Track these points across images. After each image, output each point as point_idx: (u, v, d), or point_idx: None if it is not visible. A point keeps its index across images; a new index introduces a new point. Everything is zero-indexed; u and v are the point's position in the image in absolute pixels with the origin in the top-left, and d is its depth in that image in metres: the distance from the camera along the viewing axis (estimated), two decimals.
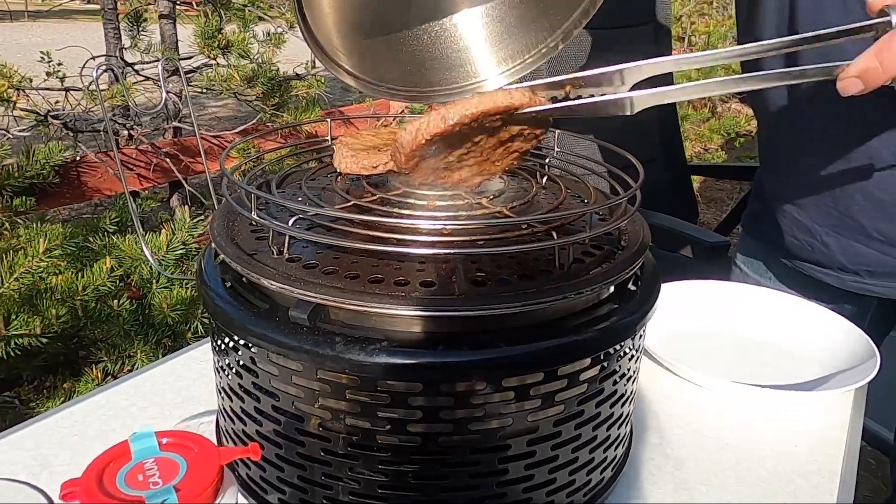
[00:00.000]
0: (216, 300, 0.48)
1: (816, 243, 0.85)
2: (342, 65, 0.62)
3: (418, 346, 0.42)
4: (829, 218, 0.83)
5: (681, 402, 0.69)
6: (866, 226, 0.80)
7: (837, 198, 0.81)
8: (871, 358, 0.70)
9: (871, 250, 0.81)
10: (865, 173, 0.77)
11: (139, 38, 2.06)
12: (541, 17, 0.67)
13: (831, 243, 0.84)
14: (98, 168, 1.94)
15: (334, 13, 0.62)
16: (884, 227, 0.78)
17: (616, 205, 0.52)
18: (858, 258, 0.82)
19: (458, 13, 0.68)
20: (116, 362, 1.40)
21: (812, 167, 0.82)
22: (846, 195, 0.80)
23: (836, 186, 0.80)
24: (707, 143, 4.50)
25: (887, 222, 0.78)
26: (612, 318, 0.47)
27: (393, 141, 0.61)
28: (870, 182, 0.77)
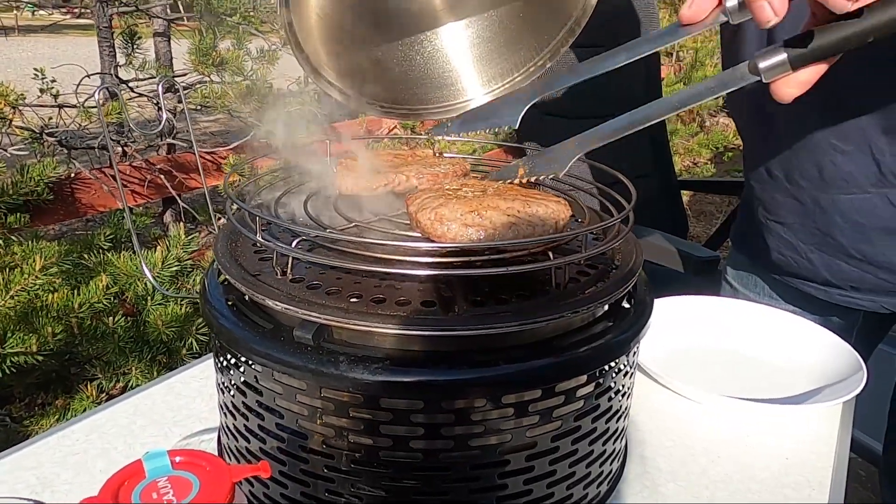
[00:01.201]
0: (220, 320, 0.50)
1: (801, 259, 0.87)
2: (334, 83, 0.64)
3: (419, 364, 0.43)
4: (813, 236, 0.85)
5: (673, 416, 0.70)
6: (846, 246, 0.82)
7: (819, 219, 0.83)
8: (858, 371, 0.72)
9: (853, 268, 0.83)
10: (843, 197, 0.79)
11: (134, 56, 2.08)
12: (528, 37, 0.68)
13: (815, 260, 0.86)
14: (92, 184, 1.94)
15: (325, 34, 0.64)
16: (863, 247, 0.81)
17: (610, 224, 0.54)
18: (842, 274, 0.84)
19: (449, 33, 0.70)
20: (111, 379, 1.40)
21: (793, 189, 0.85)
22: (826, 217, 0.82)
23: (817, 208, 0.83)
24: (696, 157, 4.54)
25: (866, 243, 0.80)
26: (607, 335, 0.48)
27: (391, 162, 0.63)
28: (848, 206, 0.80)
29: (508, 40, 0.68)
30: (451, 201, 0.49)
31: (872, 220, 0.78)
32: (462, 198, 0.50)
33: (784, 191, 0.86)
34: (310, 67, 0.60)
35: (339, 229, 0.52)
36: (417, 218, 0.49)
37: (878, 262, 0.80)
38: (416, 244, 0.47)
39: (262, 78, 2.32)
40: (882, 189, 0.76)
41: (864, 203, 0.78)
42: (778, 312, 0.86)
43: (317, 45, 0.61)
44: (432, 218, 0.48)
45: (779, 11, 0.44)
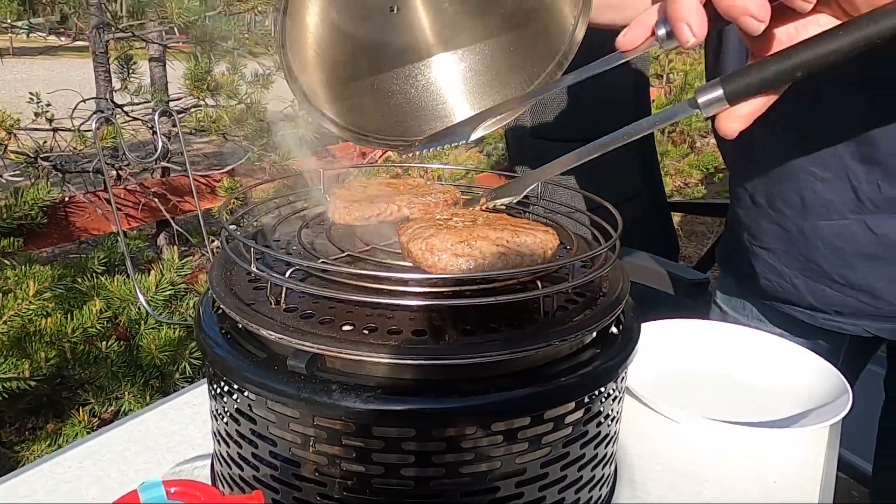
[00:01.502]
0: (215, 348, 0.50)
1: (787, 284, 0.89)
2: (328, 115, 0.65)
3: (411, 393, 0.44)
4: (797, 262, 0.87)
5: (662, 440, 0.71)
6: (829, 271, 0.83)
7: (802, 245, 0.85)
8: (844, 395, 0.73)
9: (836, 293, 0.85)
10: (824, 223, 0.81)
11: (129, 81, 2.10)
12: (518, 70, 0.70)
13: (800, 285, 0.87)
14: (86, 208, 1.95)
15: (322, 68, 0.65)
16: (844, 272, 0.82)
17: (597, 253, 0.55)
18: (825, 299, 0.86)
19: (442, 67, 0.72)
20: (103, 404, 1.39)
21: (776, 215, 0.86)
22: (809, 243, 0.84)
23: (800, 234, 0.84)
24: (687, 178, 4.59)
25: (847, 268, 0.82)
26: (594, 362, 0.49)
27: (383, 190, 0.64)
28: (828, 232, 0.81)
29: (499, 73, 0.70)
30: (441, 231, 0.50)
31: (853, 245, 0.80)
32: (452, 228, 0.51)
33: (767, 217, 0.88)
34: (305, 101, 0.62)
35: (331, 259, 0.53)
36: (409, 248, 0.50)
37: (859, 286, 0.82)
38: (407, 275, 0.48)
39: (257, 101, 2.34)
40: (860, 215, 0.78)
41: (843, 229, 0.80)
42: (766, 336, 0.87)
43: (313, 79, 0.63)
44: (423, 248, 0.49)
45: (697, 33, 0.47)
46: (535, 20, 0.68)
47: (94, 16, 1.99)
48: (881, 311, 0.82)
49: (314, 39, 0.64)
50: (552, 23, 0.66)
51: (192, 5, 1.91)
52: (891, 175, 0.74)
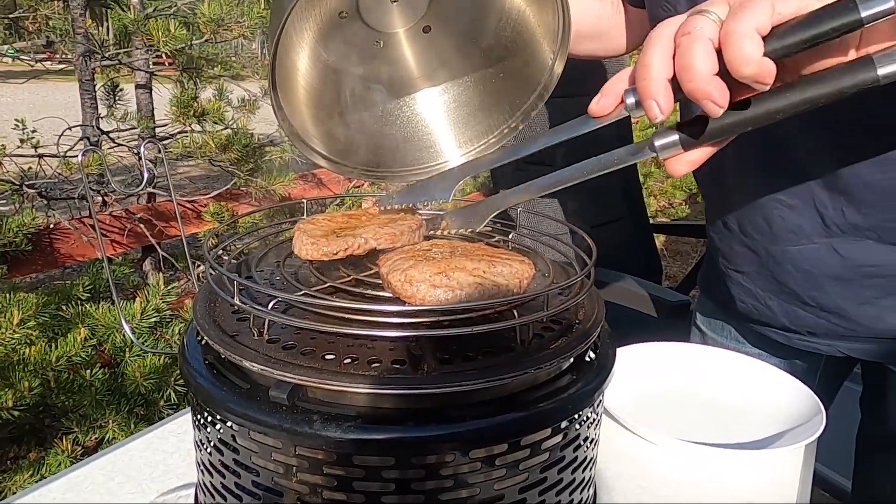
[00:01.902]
0: (199, 379, 0.51)
1: (762, 307, 0.91)
2: (316, 148, 0.67)
3: (390, 422, 0.45)
4: (770, 284, 0.89)
5: (641, 462, 0.72)
6: (800, 293, 0.85)
7: (773, 268, 0.87)
8: (818, 415, 0.74)
9: (809, 314, 0.87)
10: (793, 248, 0.83)
11: (115, 107, 2.11)
12: (502, 101, 0.72)
13: (774, 307, 0.89)
14: (70, 234, 1.95)
15: (310, 102, 0.67)
16: (815, 295, 0.84)
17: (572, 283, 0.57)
18: (799, 321, 0.88)
19: (427, 98, 0.74)
20: (87, 433, 1.38)
21: (748, 240, 0.89)
22: (780, 266, 0.86)
23: (771, 258, 0.87)
24: (671, 199, 4.65)
25: (817, 291, 0.84)
26: (570, 389, 0.51)
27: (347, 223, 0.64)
28: (798, 256, 0.83)
29: (483, 104, 0.72)
30: (420, 263, 0.52)
31: (821, 268, 0.82)
32: (431, 259, 0.53)
33: (739, 241, 0.90)
34: (296, 137, 0.63)
35: (313, 290, 0.54)
36: (388, 279, 0.51)
37: (829, 308, 0.84)
38: (386, 307, 0.50)
39: (243, 127, 2.36)
40: (827, 239, 0.80)
41: (812, 253, 0.82)
42: (743, 358, 0.89)
43: (303, 115, 0.64)
44: (402, 279, 0.50)
45: (665, 110, 0.49)
46: (515, 55, 0.70)
47: (80, 43, 2.01)
48: (851, 331, 0.85)
49: (303, 76, 0.66)
50: (532, 58, 0.69)
51: (179, 33, 1.93)
52: (855, 202, 0.77)
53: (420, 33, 0.69)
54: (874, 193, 0.75)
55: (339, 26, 0.66)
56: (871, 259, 0.79)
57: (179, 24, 1.96)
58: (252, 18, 2.10)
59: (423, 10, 0.68)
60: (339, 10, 0.64)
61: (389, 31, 0.69)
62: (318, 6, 0.62)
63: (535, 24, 0.67)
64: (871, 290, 0.81)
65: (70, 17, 2.04)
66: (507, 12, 0.68)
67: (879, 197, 0.75)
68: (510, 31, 0.69)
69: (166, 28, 1.90)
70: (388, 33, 0.69)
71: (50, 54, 3.57)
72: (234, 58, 3.05)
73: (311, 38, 0.64)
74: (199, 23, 1.96)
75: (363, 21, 0.66)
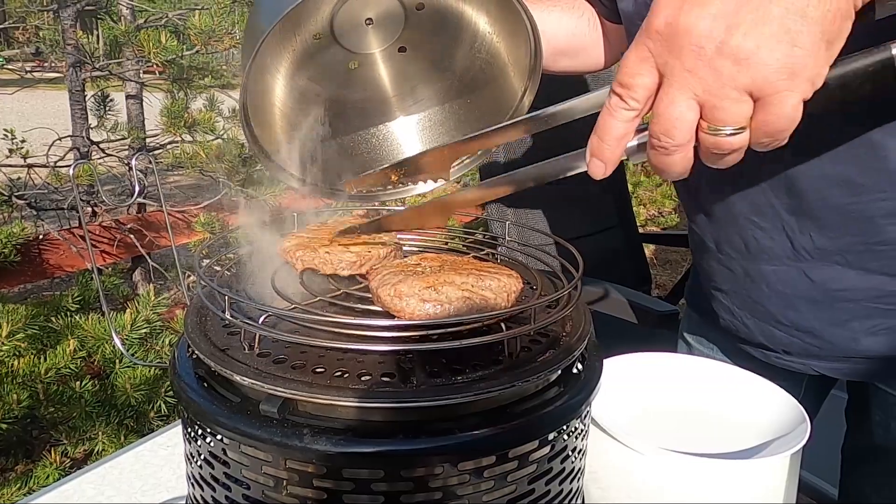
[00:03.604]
0: (189, 393, 0.52)
1: (739, 324, 0.91)
2: (294, 174, 0.67)
3: (379, 435, 0.46)
4: (746, 303, 0.89)
5: (630, 473, 0.73)
6: (775, 313, 0.86)
7: (748, 287, 0.87)
8: (802, 423, 0.75)
9: (783, 333, 0.87)
10: (767, 268, 0.84)
11: (106, 118, 2.11)
12: (476, 123, 0.73)
13: (751, 325, 0.90)
14: (60, 245, 1.95)
15: (285, 127, 0.67)
16: (789, 314, 0.85)
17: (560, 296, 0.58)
18: (774, 339, 0.88)
19: (403, 118, 0.75)
20: (76, 444, 1.38)
21: (725, 258, 0.89)
22: (755, 285, 0.86)
23: (747, 277, 0.87)
24: (660, 208, 4.68)
25: (791, 310, 0.84)
26: (557, 401, 0.51)
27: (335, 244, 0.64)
28: (772, 276, 0.84)
29: (457, 125, 0.73)
30: (409, 277, 0.53)
31: (793, 289, 0.83)
32: (420, 273, 0.54)
33: (717, 259, 0.90)
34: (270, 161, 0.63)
35: (304, 304, 0.55)
36: (378, 294, 0.52)
37: (803, 328, 0.85)
38: (376, 321, 0.50)
39: (234, 137, 2.36)
40: (797, 263, 0.81)
41: (784, 274, 0.82)
42: (729, 368, 0.90)
43: (277, 136, 0.65)
44: (392, 294, 0.51)
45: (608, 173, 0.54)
46: (487, 83, 0.71)
47: (70, 54, 2.01)
48: (826, 351, 0.85)
49: (278, 98, 0.66)
50: (503, 87, 0.70)
51: (170, 44, 1.93)
52: (821, 227, 0.77)
53: (395, 54, 0.70)
54: (840, 217, 0.75)
55: (315, 48, 0.66)
56: (841, 283, 0.80)
57: (170, 36, 1.97)
58: (243, 29, 2.11)
59: (398, 32, 0.68)
60: (315, 33, 0.65)
61: (365, 53, 0.69)
62: (293, 29, 0.63)
63: (507, 55, 0.68)
64: (843, 312, 0.82)
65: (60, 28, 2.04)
66: (479, 40, 0.69)
67: (845, 221, 0.75)
68: (482, 59, 0.70)
69: (157, 39, 1.91)
70: (364, 54, 0.70)
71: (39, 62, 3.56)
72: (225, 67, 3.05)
73: (286, 61, 0.65)
74: (190, 34, 1.96)
75: (338, 43, 0.67)
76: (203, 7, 2.25)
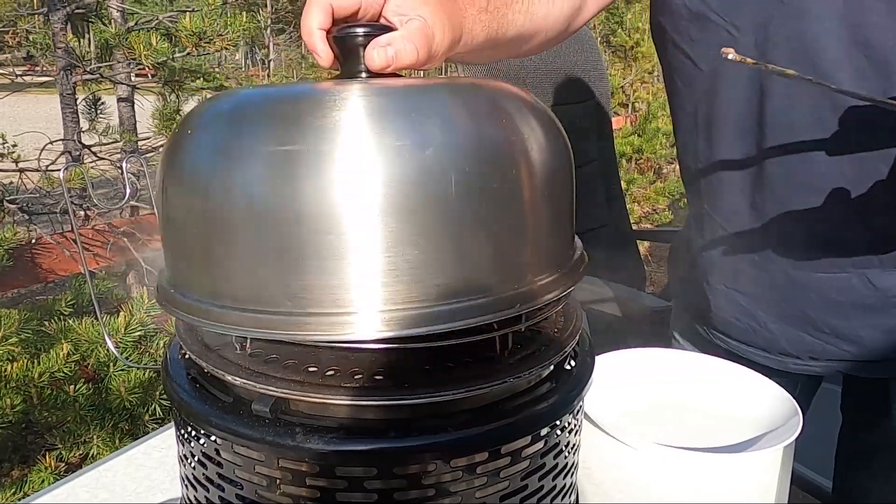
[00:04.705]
0: (181, 394, 0.52)
1: (760, 328, 0.89)
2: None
3: (372, 433, 0.46)
4: (776, 308, 0.87)
5: (621, 467, 0.73)
6: (815, 319, 0.84)
7: (788, 293, 0.85)
8: (794, 416, 0.76)
9: (817, 340, 0.85)
10: (820, 275, 0.81)
11: (97, 121, 2.10)
12: None
13: (776, 331, 0.88)
14: (53, 249, 1.94)
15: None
16: (833, 322, 0.83)
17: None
18: (803, 346, 0.87)
19: None
20: (71, 449, 1.37)
21: (764, 261, 0.86)
22: (798, 292, 0.83)
23: (790, 283, 0.84)
24: (654, 205, 4.69)
25: (838, 318, 0.82)
26: (550, 397, 0.52)
27: None
28: (825, 283, 0.81)
29: None
30: None
31: (849, 297, 0.81)
32: None
33: (751, 263, 0.87)
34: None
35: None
36: None
37: (844, 335, 0.83)
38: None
39: None
40: (863, 269, 0.79)
41: (843, 282, 0.80)
42: (722, 362, 0.90)
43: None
44: None
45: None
46: None
47: (61, 58, 2.00)
48: (860, 356, 0.84)
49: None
50: None
51: (161, 46, 1.93)
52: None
53: None
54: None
55: None
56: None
57: (161, 38, 1.96)
58: (234, 31, 2.11)
59: None
60: None
61: None
62: None
63: None
64: (893, 316, 0.80)
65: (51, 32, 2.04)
66: None
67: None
68: None
69: (148, 41, 1.90)
70: None
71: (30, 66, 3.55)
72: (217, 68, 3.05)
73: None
74: (181, 36, 1.96)
75: None
76: (194, 9, 2.24)
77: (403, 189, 0.43)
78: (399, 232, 0.43)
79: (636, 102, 6.26)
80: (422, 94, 0.49)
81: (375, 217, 0.43)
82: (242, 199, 0.45)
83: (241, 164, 0.45)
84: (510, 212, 0.48)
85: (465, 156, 0.45)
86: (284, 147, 0.44)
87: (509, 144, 0.48)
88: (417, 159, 0.43)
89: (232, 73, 3.36)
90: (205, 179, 0.47)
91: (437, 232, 0.44)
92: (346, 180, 0.43)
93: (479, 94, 0.50)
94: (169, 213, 0.50)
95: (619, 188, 2.10)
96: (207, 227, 0.46)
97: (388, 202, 0.43)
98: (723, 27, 0.77)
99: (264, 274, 0.45)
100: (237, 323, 0.46)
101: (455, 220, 0.45)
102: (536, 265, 0.51)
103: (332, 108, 0.44)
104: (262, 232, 0.44)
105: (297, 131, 0.44)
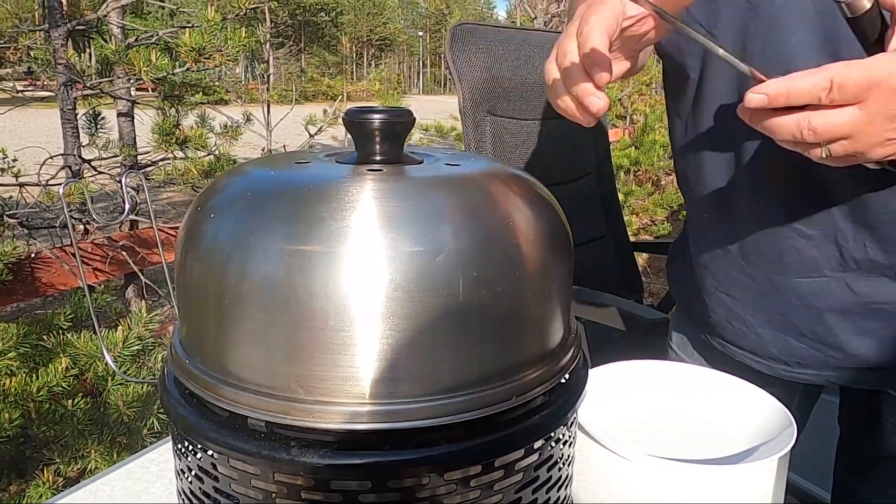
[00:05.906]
0: (178, 408, 0.52)
1: (750, 333, 0.90)
2: None
3: (367, 446, 0.46)
4: (764, 313, 0.87)
5: (616, 480, 0.73)
6: (799, 325, 0.84)
7: (773, 298, 0.85)
8: (788, 427, 0.76)
9: (802, 345, 0.86)
10: (801, 280, 0.82)
11: (97, 136, 2.12)
12: None
13: (765, 335, 0.88)
14: (52, 263, 1.94)
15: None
16: (815, 328, 0.83)
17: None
18: (791, 351, 0.87)
19: None
20: (69, 463, 1.37)
21: (749, 267, 0.86)
22: (782, 297, 0.84)
23: (773, 288, 0.84)
24: (652, 216, 4.70)
25: (819, 324, 0.83)
26: (543, 410, 0.52)
27: None
28: (806, 289, 0.82)
29: None
30: None
31: (829, 302, 0.81)
32: None
33: (738, 268, 0.88)
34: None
35: None
36: None
37: (828, 341, 0.84)
38: None
39: (226, 153, 2.37)
40: (842, 273, 0.79)
41: (822, 286, 0.81)
42: (717, 374, 0.91)
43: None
44: None
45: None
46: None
47: (62, 73, 2.02)
48: (846, 362, 0.84)
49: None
50: None
51: (161, 62, 1.95)
52: (878, 239, 0.75)
53: None
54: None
55: None
56: (884, 296, 0.79)
57: (161, 54, 1.98)
58: (234, 46, 2.13)
59: None
60: None
61: None
62: None
63: None
64: (874, 322, 0.80)
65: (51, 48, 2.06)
66: None
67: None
68: None
69: (148, 57, 1.92)
70: None
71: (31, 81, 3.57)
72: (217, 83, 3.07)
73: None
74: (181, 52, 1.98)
75: None
76: (194, 25, 2.27)
77: (414, 293, 0.45)
78: (407, 332, 0.45)
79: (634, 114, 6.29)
80: (433, 195, 0.49)
81: (385, 318, 0.45)
82: (259, 290, 0.46)
83: (257, 260, 0.46)
84: (514, 312, 0.49)
85: (475, 261, 0.46)
86: (301, 247, 0.45)
87: (515, 248, 0.49)
88: (430, 266, 0.45)
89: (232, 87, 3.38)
90: (221, 265, 0.48)
91: (444, 332, 0.46)
92: (359, 281, 0.44)
93: (485, 193, 0.51)
94: (186, 281, 0.52)
95: (616, 199, 2.11)
96: (221, 308, 0.48)
97: (399, 305, 0.44)
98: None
99: (272, 360, 0.47)
100: (246, 404, 0.47)
101: (461, 322, 0.46)
102: (536, 356, 0.52)
103: (348, 209, 0.45)
104: (275, 322, 0.46)
105: (314, 233, 0.45)
